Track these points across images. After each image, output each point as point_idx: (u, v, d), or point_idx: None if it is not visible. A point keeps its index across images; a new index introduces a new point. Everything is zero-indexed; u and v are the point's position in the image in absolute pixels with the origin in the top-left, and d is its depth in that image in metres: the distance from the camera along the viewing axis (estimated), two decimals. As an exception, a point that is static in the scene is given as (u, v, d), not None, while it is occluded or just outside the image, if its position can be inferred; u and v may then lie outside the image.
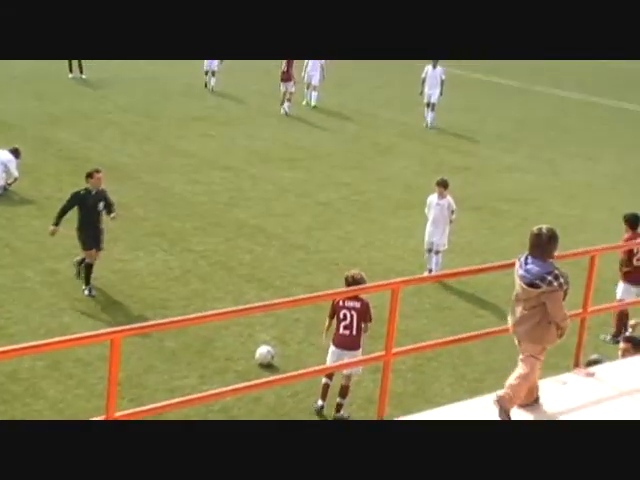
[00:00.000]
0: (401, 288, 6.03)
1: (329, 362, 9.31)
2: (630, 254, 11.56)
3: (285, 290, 12.40)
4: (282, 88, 24.44)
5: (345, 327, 9.31)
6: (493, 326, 10.65)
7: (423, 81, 23.59)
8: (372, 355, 6.53)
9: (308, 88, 25.57)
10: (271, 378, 8.05)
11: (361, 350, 9.27)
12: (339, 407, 9.46)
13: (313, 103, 25.37)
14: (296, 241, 14.52)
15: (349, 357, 9.11)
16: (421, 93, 23.77)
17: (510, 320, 6.14)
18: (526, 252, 6.05)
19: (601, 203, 17.95)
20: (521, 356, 6.08)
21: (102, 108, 22.60)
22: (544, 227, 6.05)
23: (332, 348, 9.40)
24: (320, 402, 9.48)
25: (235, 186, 17.14)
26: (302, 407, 9.51)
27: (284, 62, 24.65)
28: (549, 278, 5.85)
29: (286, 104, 24.35)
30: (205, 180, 17.35)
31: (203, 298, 11.98)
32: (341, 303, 9.34)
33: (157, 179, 17.20)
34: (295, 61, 24.62)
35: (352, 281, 9.29)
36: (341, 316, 9.34)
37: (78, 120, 21.15)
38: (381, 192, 17.54)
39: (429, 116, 23.77)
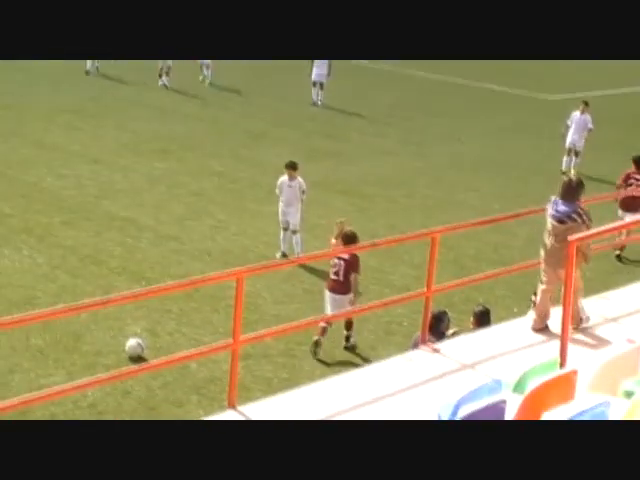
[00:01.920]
0: (244, 277, 6.12)
1: (326, 304, 10.90)
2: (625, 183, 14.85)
3: (157, 281, 12.31)
4: (160, 62, 25.71)
5: (335, 273, 10.80)
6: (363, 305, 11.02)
7: (312, 62, 25.02)
8: (220, 344, 6.63)
9: (201, 67, 27.09)
10: (136, 367, 8.04)
11: (351, 295, 10.76)
12: (348, 338, 11.00)
13: (208, 81, 26.94)
14: (168, 232, 14.48)
15: (340, 300, 10.71)
16: (309, 74, 25.21)
17: (542, 252, 7.49)
18: (556, 196, 7.45)
19: (465, 184, 18.56)
20: (544, 286, 7.43)
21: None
22: (573, 176, 7.64)
23: (326, 292, 10.97)
24: (317, 337, 10.71)
25: (105, 179, 16.93)
26: (173, 399, 9.55)
27: None
28: (574, 216, 7.23)
29: (164, 78, 25.81)
30: (74, 174, 17.06)
31: (73, 293, 11.82)
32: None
33: (23, 174, 16.82)
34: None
35: (347, 237, 10.66)
36: (332, 264, 10.86)
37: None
38: (254, 179, 17.65)
39: (319, 95, 25.30)
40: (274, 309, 11.88)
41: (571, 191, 7.41)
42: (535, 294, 8.82)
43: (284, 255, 13.65)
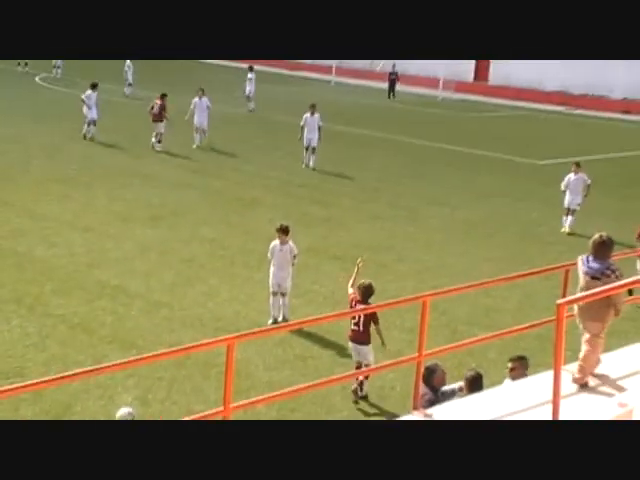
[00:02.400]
0: (235, 343, 6.10)
1: (355, 357, 11.41)
2: None
3: (148, 349, 12.24)
4: (155, 129, 27.24)
5: (355, 324, 11.25)
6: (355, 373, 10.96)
7: (302, 127, 25.81)
8: (210, 412, 6.56)
9: (197, 132, 28.21)
10: None
11: (371, 345, 11.22)
12: (361, 384, 11.24)
13: (197, 144, 28.14)
14: (159, 299, 14.45)
15: (362, 350, 11.22)
16: (300, 138, 25.90)
17: (576, 307, 7.68)
18: (587, 253, 7.74)
19: (456, 247, 18.65)
20: (585, 337, 7.64)
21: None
22: (604, 234, 7.78)
23: (349, 342, 11.47)
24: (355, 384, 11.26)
25: (96, 247, 16.95)
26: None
27: (157, 104, 27.36)
28: (607, 272, 7.56)
29: (157, 144, 27.03)
30: (65, 242, 17.09)
31: (63, 363, 11.73)
32: (353, 304, 11.36)
33: (15, 244, 16.83)
34: (167, 103, 27.72)
35: (364, 289, 11.26)
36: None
37: None
38: (245, 246, 17.69)
39: (311, 159, 25.87)
40: (266, 376, 11.81)
41: (603, 249, 7.71)
42: (511, 361, 9.24)
43: (275, 321, 13.63)
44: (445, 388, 8.99)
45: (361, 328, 11.23)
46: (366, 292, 11.28)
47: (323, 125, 26.11)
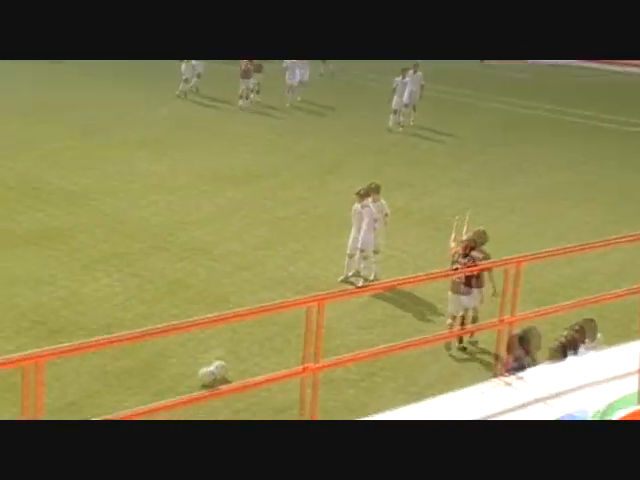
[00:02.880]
0: (325, 303, 6.15)
1: (451, 308, 11.62)
2: None
3: (233, 309, 12.44)
4: (242, 85, 27.15)
5: (458, 277, 11.21)
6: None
7: (394, 90, 25.54)
8: (296, 369, 6.63)
9: (289, 91, 28.13)
10: (225, 387, 7.88)
11: (477, 290, 11.37)
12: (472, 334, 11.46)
13: (292, 101, 28.04)
14: (245, 260, 14.63)
15: (471, 294, 11.37)
16: (389, 101, 25.48)
17: None
18: None
19: (537, 215, 18.34)
20: None
21: (56, 132, 22.56)
22: None
23: (450, 295, 11.53)
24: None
25: (182, 208, 17.23)
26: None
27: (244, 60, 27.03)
28: None
29: (244, 101, 27.06)
30: (154, 202, 17.42)
31: (151, 321, 11.95)
32: (457, 256, 11.42)
33: (105, 203, 17.24)
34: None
35: (478, 235, 11.44)
36: (454, 267, 11.29)
37: (33, 145, 21.07)
38: (329, 210, 17.71)
39: (405, 117, 25.68)
40: (356, 335, 11.96)
41: None
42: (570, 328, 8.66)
43: (346, 279, 13.90)
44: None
45: (464, 279, 11.26)
46: (479, 238, 11.39)
47: (425, 84, 26.08)
